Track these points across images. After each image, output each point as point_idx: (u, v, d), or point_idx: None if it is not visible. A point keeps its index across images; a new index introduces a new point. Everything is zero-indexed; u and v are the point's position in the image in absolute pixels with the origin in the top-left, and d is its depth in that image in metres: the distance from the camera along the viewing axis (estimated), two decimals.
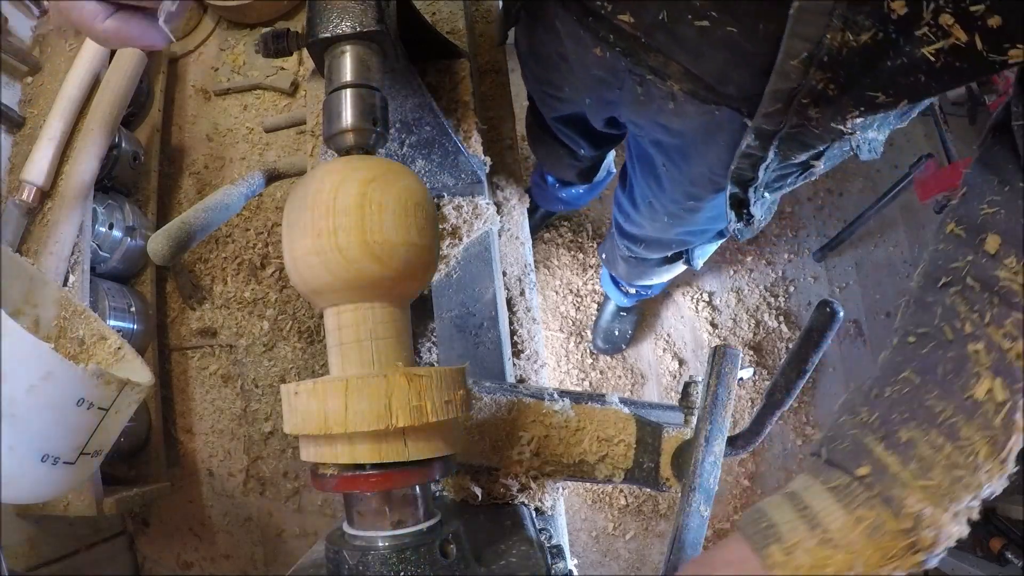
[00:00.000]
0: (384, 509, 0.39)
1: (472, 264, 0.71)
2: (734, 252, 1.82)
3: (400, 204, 0.40)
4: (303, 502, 1.20)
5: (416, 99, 0.59)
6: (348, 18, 0.45)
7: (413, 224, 0.41)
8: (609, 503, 1.67)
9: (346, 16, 0.45)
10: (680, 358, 1.76)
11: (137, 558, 1.21)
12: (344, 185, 0.40)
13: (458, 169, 0.67)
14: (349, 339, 0.41)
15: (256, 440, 1.18)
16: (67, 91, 1.02)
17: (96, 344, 0.66)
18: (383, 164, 0.42)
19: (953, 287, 0.39)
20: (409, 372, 0.39)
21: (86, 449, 0.49)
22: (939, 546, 0.36)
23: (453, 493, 0.57)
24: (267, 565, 1.19)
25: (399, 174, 0.42)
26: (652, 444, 0.54)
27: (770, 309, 1.78)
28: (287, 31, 0.49)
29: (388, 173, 0.41)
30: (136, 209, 1.13)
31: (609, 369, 1.76)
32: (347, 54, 0.46)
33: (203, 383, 1.19)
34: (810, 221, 1.85)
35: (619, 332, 1.72)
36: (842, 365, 1.77)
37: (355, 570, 0.38)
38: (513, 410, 0.56)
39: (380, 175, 0.41)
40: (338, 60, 0.46)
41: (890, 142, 2.02)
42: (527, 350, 0.78)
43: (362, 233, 0.39)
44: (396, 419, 0.37)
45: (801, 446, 1.72)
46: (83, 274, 0.97)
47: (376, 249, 0.39)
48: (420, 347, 0.73)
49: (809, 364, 0.48)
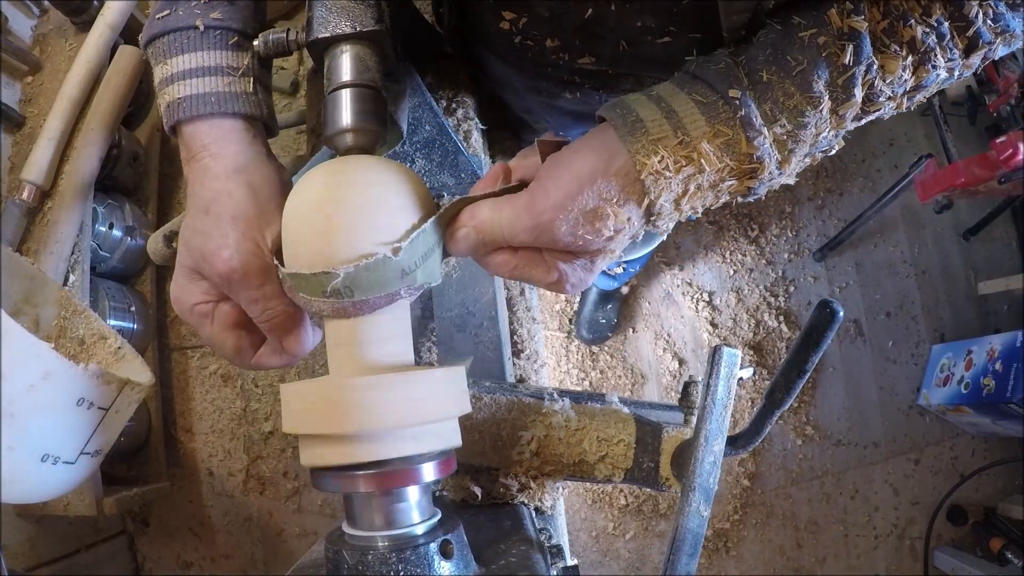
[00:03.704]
0: (383, 509, 0.39)
1: (472, 264, 0.70)
2: (734, 252, 1.82)
3: (399, 204, 0.40)
4: (303, 502, 1.20)
5: (416, 99, 0.59)
6: (347, 18, 0.45)
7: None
8: (609, 503, 1.67)
9: (345, 16, 0.45)
10: (680, 358, 1.76)
11: (137, 558, 1.21)
12: (342, 186, 0.40)
13: (458, 169, 0.67)
14: (348, 339, 0.41)
15: (256, 440, 1.18)
16: (67, 91, 1.02)
17: (96, 344, 0.66)
18: (382, 164, 0.42)
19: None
20: (407, 372, 0.38)
21: (86, 449, 0.49)
22: (768, 182, 0.40)
23: (453, 493, 0.57)
24: (267, 565, 1.19)
25: (399, 174, 0.42)
26: (652, 444, 0.54)
27: (770, 309, 1.78)
28: (286, 31, 0.49)
29: (387, 173, 0.41)
30: (136, 209, 1.13)
31: (609, 369, 1.76)
32: (346, 54, 0.46)
33: (203, 383, 1.19)
34: (810, 221, 1.85)
35: (604, 320, 1.73)
36: (842, 365, 1.77)
37: (354, 570, 0.38)
38: (513, 410, 0.56)
39: (379, 175, 0.41)
40: (337, 60, 0.46)
41: (890, 142, 2.02)
42: (527, 350, 0.78)
43: (360, 233, 0.39)
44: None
45: (801, 446, 1.72)
46: (83, 274, 0.97)
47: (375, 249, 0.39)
48: (420, 347, 0.73)
49: (809, 364, 0.48)
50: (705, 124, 0.38)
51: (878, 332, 1.79)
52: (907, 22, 0.39)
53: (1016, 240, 1.83)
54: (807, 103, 0.38)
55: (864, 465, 1.73)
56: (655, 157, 0.38)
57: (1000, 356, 1.54)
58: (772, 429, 0.54)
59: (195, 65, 0.45)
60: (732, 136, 0.38)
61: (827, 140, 0.41)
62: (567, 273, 0.41)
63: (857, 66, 0.39)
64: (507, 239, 0.41)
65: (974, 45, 0.41)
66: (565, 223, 0.38)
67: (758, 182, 0.40)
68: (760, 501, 1.70)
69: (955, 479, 1.69)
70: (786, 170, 0.40)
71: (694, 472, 0.45)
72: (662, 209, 0.39)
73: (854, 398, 1.75)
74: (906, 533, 1.71)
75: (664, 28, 0.50)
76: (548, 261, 0.41)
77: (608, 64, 0.58)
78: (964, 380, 1.61)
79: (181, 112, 0.45)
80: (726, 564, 1.67)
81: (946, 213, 1.65)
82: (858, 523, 1.70)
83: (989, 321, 1.80)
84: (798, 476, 1.71)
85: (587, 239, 0.39)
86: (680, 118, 0.39)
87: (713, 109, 0.39)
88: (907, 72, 0.40)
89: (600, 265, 0.42)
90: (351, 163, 0.42)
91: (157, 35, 0.46)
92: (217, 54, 0.46)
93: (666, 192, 0.38)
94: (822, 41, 0.39)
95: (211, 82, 0.45)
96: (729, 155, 0.38)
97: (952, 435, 1.74)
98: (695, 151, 0.38)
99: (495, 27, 0.57)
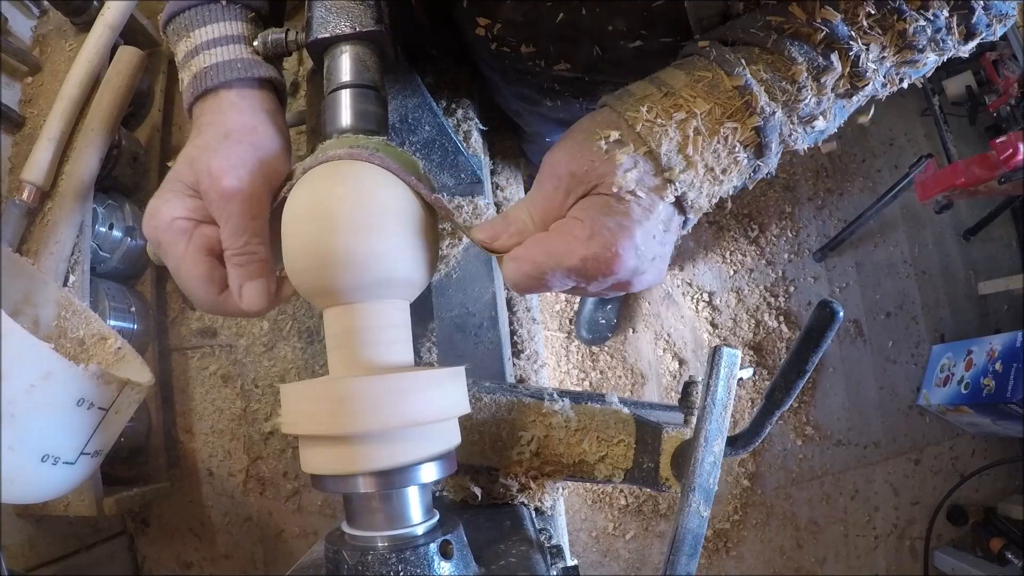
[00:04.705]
0: (383, 509, 0.39)
1: (472, 264, 0.71)
2: (734, 252, 1.82)
3: (398, 204, 0.40)
4: (303, 502, 1.20)
5: (416, 99, 0.59)
6: (347, 18, 0.45)
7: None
8: (609, 503, 1.67)
9: (345, 16, 0.45)
10: (680, 358, 1.77)
11: (137, 558, 1.21)
12: (338, 187, 0.40)
13: (458, 169, 0.67)
14: (347, 339, 0.41)
15: (256, 440, 1.18)
16: (67, 91, 1.02)
17: (96, 344, 0.66)
18: (382, 164, 0.42)
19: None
20: (407, 372, 0.38)
21: (86, 449, 0.49)
22: (772, 128, 0.40)
23: (453, 493, 0.57)
24: (267, 565, 1.20)
25: (397, 173, 0.42)
26: (652, 444, 0.54)
27: (770, 309, 1.78)
28: (286, 31, 0.49)
29: (386, 173, 0.41)
30: (136, 209, 1.13)
31: (609, 369, 1.76)
32: (346, 54, 0.46)
33: (203, 383, 1.19)
34: (810, 221, 1.85)
35: (604, 320, 1.73)
36: (842, 365, 1.77)
37: (354, 570, 0.38)
38: (513, 410, 0.56)
39: (377, 175, 0.41)
40: (337, 60, 0.46)
41: (890, 142, 2.02)
42: (527, 350, 0.78)
43: (358, 234, 0.39)
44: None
45: (801, 446, 1.72)
46: (83, 274, 0.97)
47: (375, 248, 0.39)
48: (420, 347, 0.73)
49: (809, 364, 0.48)
50: (684, 75, 0.41)
51: (878, 332, 1.79)
52: (902, 15, 0.40)
53: (1016, 240, 1.83)
54: (780, 62, 0.40)
55: (864, 465, 1.73)
56: (643, 108, 0.39)
57: (1000, 356, 1.54)
58: (772, 429, 0.54)
59: (220, 35, 0.47)
60: (712, 77, 0.40)
61: (809, 107, 0.41)
62: (605, 231, 0.38)
63: (832, 43, 0.40)
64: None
65: (972, 34, 0.42)
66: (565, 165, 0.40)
67: (760, 120, 0.40)
68: (760, 501, 1.70)
69: (955, 479, 1.69)
70: (780, 115, 0.40)
71: (694, 472, 0.45)
72: (671, 160, 0.39)
73: (854, 398, 1.75)
74: (906, 533, 1.70)
75: (636, 31, 0.51)
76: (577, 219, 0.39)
77: (584, 71, 0.58)
78: (964, 380, 1.61)
79: (209, 80, 0.45)
80: (726, 564, 1.67)
81: (946, 213, 1.65)
82: (858, 523, 1.70)
83: (989, 321, 1.80)
84: (798, 476, 1.71)
85: (597, 169, 0.39)
86: (662, 79, 0.41)
87: (690, 64, 0.41)
88: (891, 52, 0.41)
89: (638, 228, 0.39)
90: (345, 165, 0.42)
91: (177, 12, 0.48)
92: (239, 24, 0.48)
93: (665, 140, 0.39)
94: (788, 28, 0.40)
95: (236, 49, 0.47)
96: (716, 94, 0.40)
97: (952, 435, 1.74)
98: (680, 97, 0.40)
99: (471, 33, 0.57)
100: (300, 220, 0.40)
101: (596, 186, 0.39)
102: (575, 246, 0.38)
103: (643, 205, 0.39)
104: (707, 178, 0.40)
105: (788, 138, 0.42)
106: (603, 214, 0.39)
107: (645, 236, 0.39)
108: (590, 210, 0.39)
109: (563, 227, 0.40)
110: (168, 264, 0.44)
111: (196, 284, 0.43)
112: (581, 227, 0.39)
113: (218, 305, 0.45)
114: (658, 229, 0.40)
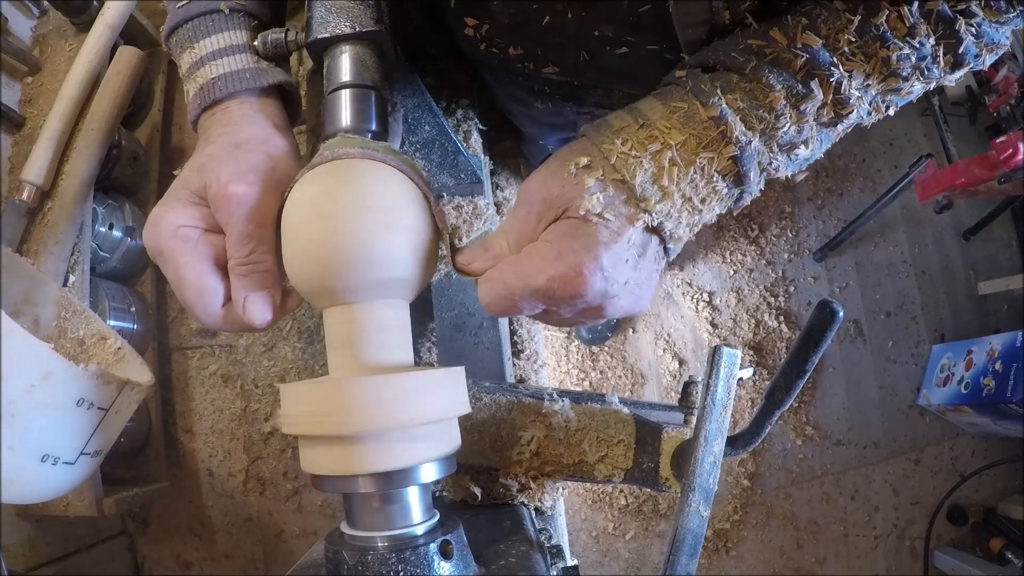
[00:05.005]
0: (383, 509, 0.39)
1: None
2: (734, 252, 1.82)
3: (400, 205, 0.40)
4: (303, 502, 1.20)
5: (416, 99, 0.59)
6: (347, 18, 0.45)
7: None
8: (609, 503, 1.67)
9: (345, 16, 0.45)
10: (680, 358, 1.76)
11: (137, 558, 1.21)
12: (343, 186, 0.40)
13: (458, 169, 0.67)
14: (347, 339, 0.41)
15: (256, 440, 1.18)
16: (67, 91, 1.02)
17: (96, 344, 0.66)
18: (380, 164, 0.42)
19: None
20: (407, 372, 0.38)
21: (86, 449, 0.49)
22: (750, 157, 0.40)
23: (453, 493, 0.57)
24: (267, 565, 1.20)
25: (395, 174, 0.42)
26: (652, 444, 0.54)
27: (770, 309, 1.78)
28: (286, 31, 0.49)
29: (385, 173, 0.41)
30: (136, 209, 1.13)
31: (609, 369, 1.76)
32: (346, 54, 0.46)
33: (203, 383, 1.19)
34: (810, 221, 1.85)
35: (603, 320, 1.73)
36: (842, 365, 1.77)
37: (354, 570, 0.38)
38: (513, 410, 0.56)
39: (381, 176, 0.41)
40: (337, 60, 0.46)
41: (890, 142, 2.02)
42: (527, 350, 0.78)
43: (361, 234, 0.39)
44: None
45: (801, 446, 1.72)
46: (83, 274, 0.97)
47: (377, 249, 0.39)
48: (420, 347, 0.73)
49: (809, 364, 0.48)
50: (661, 106, 0.41)
51: (878, 332, 1.79)
52: (885, 43, 0.40)
53: (1016, 240, 1.83)
54: (759, 89, 0.40)
55: (864, 465, 1.73)
56: (618, 140, 0.40)
57: (1000, 356, 1.54)
58: (772, 429, 0.54)
59: (225, 44, 0.47)
60: (688, 107, 0.40)
61: (788, 136, 0.41)
62: (571, 252, 0.38)
63: (813, 70, 0.40)
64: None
65: (959, 63, 0.42)
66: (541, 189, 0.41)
67: (737, 149, 0.40)
68: (760, 501, 1.70)
69: (955, 479, 1.69)
70: (757, 143, 0.40)
71: (694, 472, 0.45)
72: (645, 191, 0.39)
73: (854, 398, 1.75)
74: (906, 533, 1.70)
75: (622, 37, 0.51)
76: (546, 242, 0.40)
77: (572, 75, 0.58)
78: (964, 380, 1.61)
79: (217, 91, 0.45)
80: (726, 564, 1.67)
81: (946, 213, 1.65)
82: (858, 523, 1.70)
83: (989, 321, 1.80)
84: (798, 476, 1.71)
85: (566, 193, 0.39)
86: (640, 110, 0.42)
87: (667, 93, 0.42)
88: (875, 79, 0.41)
89: (606, 251, 0.39)
90: (349, 165, 0.42)
91: (180, 23, 0.47)
92: (244, 33, 0.48)
93: (640, 171, 0.39)
94: (769, 52, 0.40)
95: (243, 59, 0.47)
96: (691, 124, 0.40)
97: (952, 435, 1.74)
98: (655, 128, 0.40)
99: (461, 33, 0.57)
100: (303, 218, 0.40)
101: (566, 210, 0.40)
102: (542, 266, 0.39)
103: (611, 228, 0.39)
104: (685, 208, 0.40)
105: (768, 166, 0.42)
106: (570, 236, 0.39)
107: (614, 259, 0.39)
108: (558, 232, 0.40)
109: (533, 249, 0.40)
110: (168, 274, 0.43)
111: (198, 295, 0.42)
112: (549, 248, 0.39)
113: (220, 318, 0.43)
114: (630, 254, 0.40)
